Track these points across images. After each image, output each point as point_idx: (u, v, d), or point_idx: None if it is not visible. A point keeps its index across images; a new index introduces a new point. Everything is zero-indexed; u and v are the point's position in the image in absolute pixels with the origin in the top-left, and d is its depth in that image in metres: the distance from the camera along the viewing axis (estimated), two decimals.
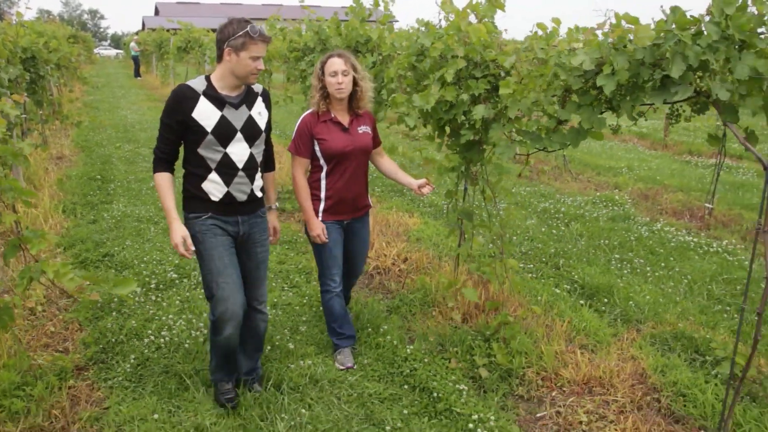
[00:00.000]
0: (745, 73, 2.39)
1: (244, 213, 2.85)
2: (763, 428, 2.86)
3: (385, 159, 3.59)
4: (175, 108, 2.66)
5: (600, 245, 5.38)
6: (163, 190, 2.74)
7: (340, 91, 3.19)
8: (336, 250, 3.41)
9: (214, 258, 2.77)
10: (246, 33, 2.56)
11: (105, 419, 2.95)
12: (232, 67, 2.63)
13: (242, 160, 2.76)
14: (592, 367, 3.39)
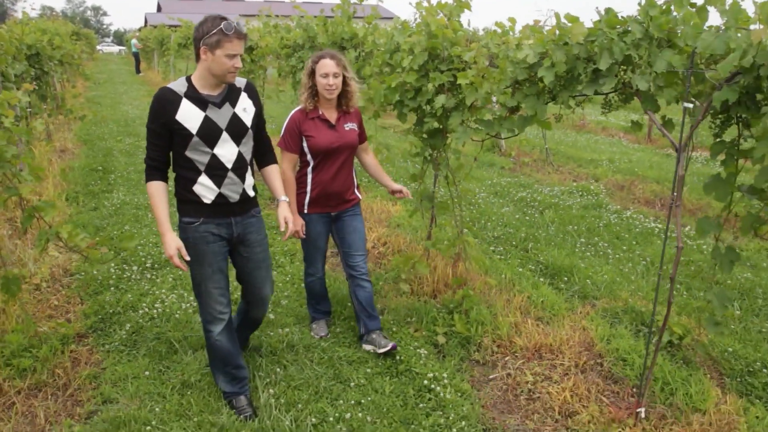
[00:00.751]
0: (663, 66, 2.72)
1: (238, 214, 2.84)
2: (688, 387, 3.20)
3: (369, 156, 3.70)
4: (158, 112, 2.63)
5: (569, 231, 5.72)
6: (155, 200, 2.70)
7: (331, 92, 3.30)
8: (320, 242, 3.58)
9: (203, 265, 2.79)
10: (220, 30, 2.50)
11: (102, 377, 3.31)
12: (209, 65, 2.58)
13: (231, 160, 2.73)
14: (544, 335, 3.73)
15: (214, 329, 2.90)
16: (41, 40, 7.48)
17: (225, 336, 2.93)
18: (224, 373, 3.02)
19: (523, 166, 8.58)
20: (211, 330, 2.91)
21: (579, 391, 3.22)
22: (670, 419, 2.99)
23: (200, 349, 3.57)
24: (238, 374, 3.03)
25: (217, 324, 2.90)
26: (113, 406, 3.03)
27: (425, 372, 3.33)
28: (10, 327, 3.54)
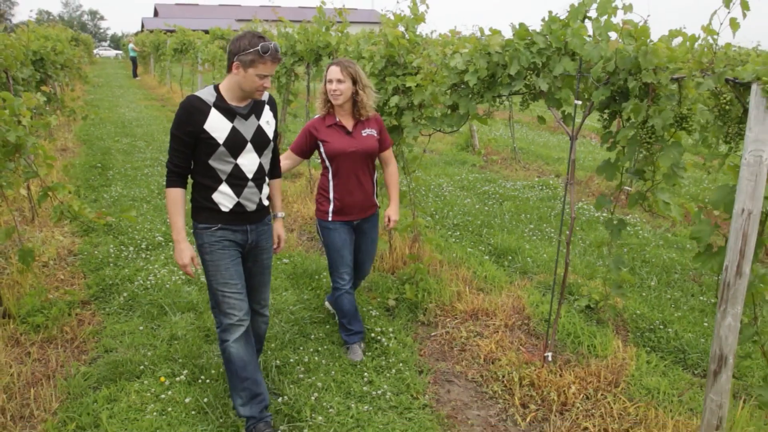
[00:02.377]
0: (560, 71, 3.35)
1: (253, 222, 2.86)
2: (593, 339, 3.83)
3: (390, 167, 3.71)
4: (185, 120, 2.63)
5: (522, 219, 6.37)
6: (173, 206, 2.71)
7: (335, 98, 3.39)
8: (345, 251, 3.56)
9: (220, 269, 2.78)
10: (256, 51, 2.54)
11: (103, 333, 3.93)
12: (239, 80, 2.62)
13: (252, 171, 2.76)
14: (482, 302, 4.37)
15: (231, 336, 2.82)
16: (45, 47, 8.10)
17: (242, 344, 2.84)
18: (242, 390, 2.87)
19: (492, 163, 9.24)
20: (227, 339, 2.83)
21: (504, 343, 3.86)
22: (573, 363, 3.63)
23: (187, 311, 4.20)
24: (256, 390, 2.89)
25: (235, 331, 2.82)
26: (112, 354, 3.65)
27: (375, 327, 3.96)
28: (25, 292, 4.16)
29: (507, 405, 3.30)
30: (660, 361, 3.68)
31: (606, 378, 3.45)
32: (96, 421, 3.00)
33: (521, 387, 3.40)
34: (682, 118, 2.82)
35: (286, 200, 6.92)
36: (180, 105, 2.67)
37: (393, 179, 3.72)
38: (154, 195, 7.20)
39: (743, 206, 2.45)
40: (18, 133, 3.28)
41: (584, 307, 4.38)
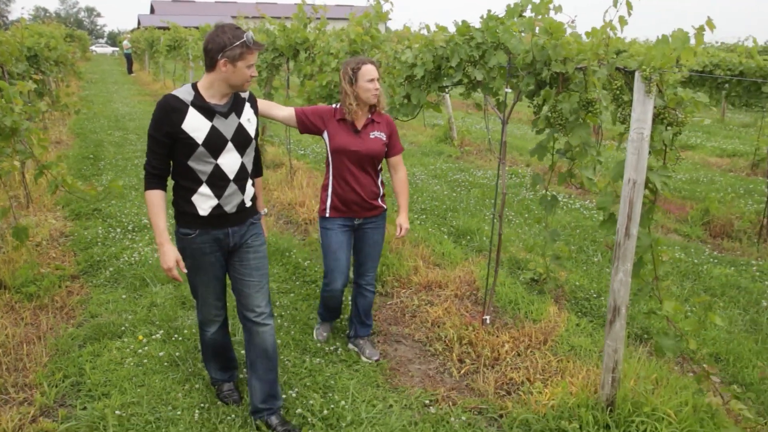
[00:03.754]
0: (494, 63, 3.77)
1: (234, 224, 2.78)
2: (531, 306, 4.25)
3: (399, 174, 3.59)
4: (162, 120, 2.55)
5: (486, 203, 6.79)
6: (154, 209, 2.64)
7: (376, 96, 3.33)
8: (340, 253, 3.47)
9: (199, 273, 2.80)
10: (243, 43, 2.49)
11: (90, 301, 4.34)
12: (227, 76, 2.54)
13: (234, 171, 2.68)
14: (436, 275, 4.79)
15: (210, 329, 3.01)
16: (39, 43, 8.49)
17: (219, 334, 3.05)
18: (215, 362, 3.15)
19: (467, 154, 9.66)
20: (206, 329, 3.02)
21: (451, 310, 4.28)
22: (510, 325, 4.05)
23: (167, 283, 4.61)
24: (230, 364, 3.19)
25: (213, 325, 3.01)
26: (97, 318, 4.07)
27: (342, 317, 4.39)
28: (19, 265, 4.58)
29: (445, 360, 3.72)
30: (588, 324, 4.11)
31: (537, 338, 3.87)
32: (80, 372, 3.42)
33: (460, 345, 3.82)
34: (588, 103, 3.24)
35: (267, 188, 7.32)
36: (157, 104, 2.59)
37: (402, 186, 3.58)
38: (142, 183, 7.59)
39: (629, 177, 2.86)
40: (13, 117, 3.69)
41: (529, 280, 4.81)
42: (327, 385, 3.35)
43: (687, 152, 10.71)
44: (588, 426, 2.91)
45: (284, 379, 3.37)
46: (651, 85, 2.72)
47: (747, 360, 3.73)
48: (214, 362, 3.15)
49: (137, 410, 3.06)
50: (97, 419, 2.98)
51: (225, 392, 3.16)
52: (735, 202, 6.58)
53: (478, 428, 3.04)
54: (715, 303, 4.55)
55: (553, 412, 3.03)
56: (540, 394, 3.25)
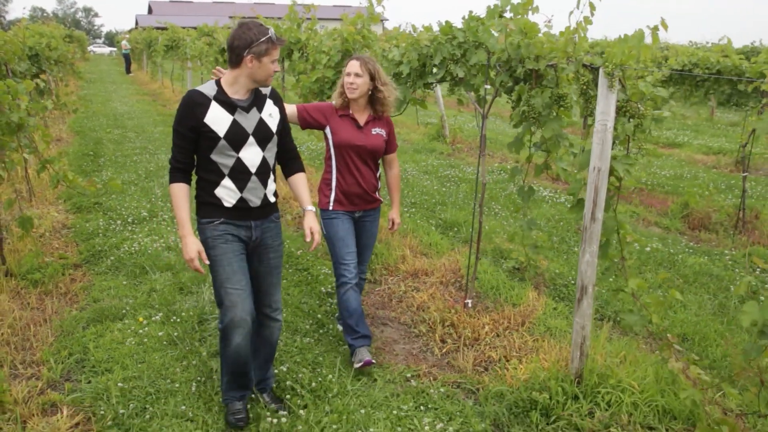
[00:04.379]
0: (475, 60, 4.00)
1: (258, 218, 2.82)
2: (511, 291, 4.48)
3: (393, 171, 3.73)
4: (186, 114, 2.64)
5: (473, 197, 7.02)
6: (178, 201, 2.71)
7: (351, 91, 3.38)
8: (348, 239, 3.53)
9: (223, 264, 2.74)
10: (269, 39, 2.58)
11: (92, 288, 4.56)
12: (253, 72, 2.62)
13: (255, 164, 2.74)
14: (423, 264, 5.02)
15: (235, 337, 2.79)
16: (40, 43, 8.71)
17: (244, 344, 2.83)
18: (233, 383, 2.96)
19: (459, 151, 9.90)
20: (231, 338, 2.80)
21: (435, 295, 4.50)
22: (491, 309, 4.28)
23: (165, 271, 4.83)
24: (244, 382, 2.99)
25: (237, 332, 2.78)
26: (100, 303, 4.29)
27: (327, 283, 4.62)
28: (24, 254, 4.79)
29: (428, 341, 3.95)
30: (565, 308, 4.34)
31: (515, 320, 4.10)
32: (84, 350, 3.64)
33: (443, 327, 4.05)
34: (559, 98, 3.47)
35: None
36: (181, 100, 2.70)
37: (395, 182, 3.75)
38: (141, 179, 7.83)
39: (594, 165, 3.10)
40: (20, 114, 3.91)
41: (511, 268, 5.04)
42: (316, 361, 3.58)
43: (674, 150, 10.96)
44: (557, 396, 3.14)
45: (275, 356, 3.60)
46: (613, 80, 2.96)
47: (712, 339, 3.96)
48: (232, 380, 2.95)
49: (138, 383, 3.28)
50: (101, 391, 3.20)
51: (234, 411, 2.95)
52: (714, 197, 6.82)
53: (456, 399, 3.27)
54: (676, 280, 4.81)
55: (525, 385, 3.26)
56: (515, 369, 3.48)
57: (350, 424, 2.97)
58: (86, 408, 3.08)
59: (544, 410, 3.11)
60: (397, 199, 3.79)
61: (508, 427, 3.06)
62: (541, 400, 3.13)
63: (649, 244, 5.68)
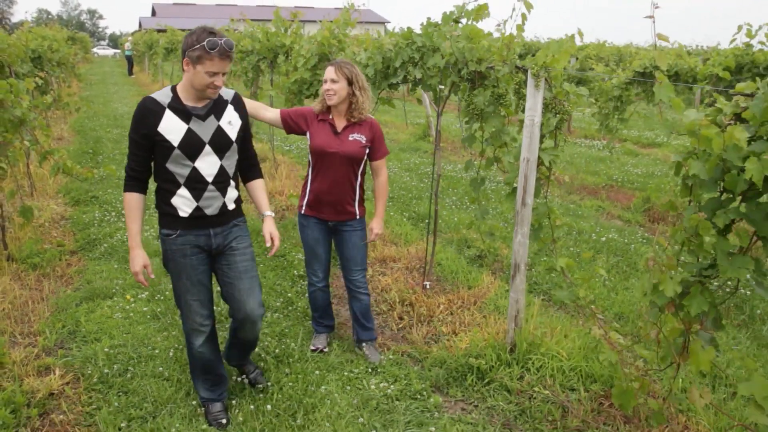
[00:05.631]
0: (432, 63, 4.40)
1: (216, 225, 2.77)
2: (469, 275, 4.89)
3: (379, 178, 3.63)
4: (140, 122, 2.57)
5: (449, 192, 7.44)
6: (129, 212, 2.66)
7: (329, 97, 3.37)
8: (318, 248, 3.60)
9: (182, 277, 2.76)
10: (202, 47, 2.45)
11: (86, 271, 4.99)
12: (190, 77, 2.55)
13: (212, 174, 2.67)
14: (391, 251, 5.43)
15: (196, 341, 2.88)
16: (42, 45, 9.15)
17: (207, 347, 2.92)
18: (204, 380, 3.02)
19: (442, 150, 10.28)
20: (192, 342, 2.89)
21: (399, 279, 4.91)
22: (447, 290, 4.69)
23: (153, 257, 5.24)
24: (218, 381, 3.04)
25: (199, 336, 2.87)
26: (92, 284, 4.71)
27: (299, 268, 5.04)
28: (25, 242, 5.23)
29: (387, 318, 4.36)
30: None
31: (469, 300, 4.51)
32: (77, 323, 4.06)
33: (402, 306, 4.46)
34: (499, 96, 3.88)
35: None
36: (136, 107, 2.61)
37: (381, 190, 3.65)
38: None
39: (524, 156, 3.51)
40: (22, 109, 4.34)
41: (474, 256, 5.45)
42: (282, 333, 3.99)
43: (653, 149, 11.34)
44: (491, 361, 3.55)
45: None
46: (539, 80, 3.37)
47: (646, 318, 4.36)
48: (202, 379, 3.01)
49: (123, 350, 3.70)
50: (90, 356, 3.62)
51: (214, 414, 2.98)
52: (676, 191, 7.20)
53: (403, 366, 3.67)
54: (600, 258, 5.22)
55: (465, 353, 3.67)
56: (460, 341, 3.88)
57: (306, 383, 3.38)
58: (76, 369, 3.50)
59: (480, 374, 3.51)
60: (382, 208, 3.67)
61: (447, 388, 3.46)
62: (477, 365, 3.54)
63: (606, 234, 6.07)
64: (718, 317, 2.23)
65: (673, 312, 2.23)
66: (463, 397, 3.39)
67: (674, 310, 2.21)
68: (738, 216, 2.04)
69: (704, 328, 2.21)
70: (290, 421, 3.04)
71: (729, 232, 2.14)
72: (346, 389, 3.37)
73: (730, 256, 2.04)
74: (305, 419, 3.07)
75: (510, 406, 3.28)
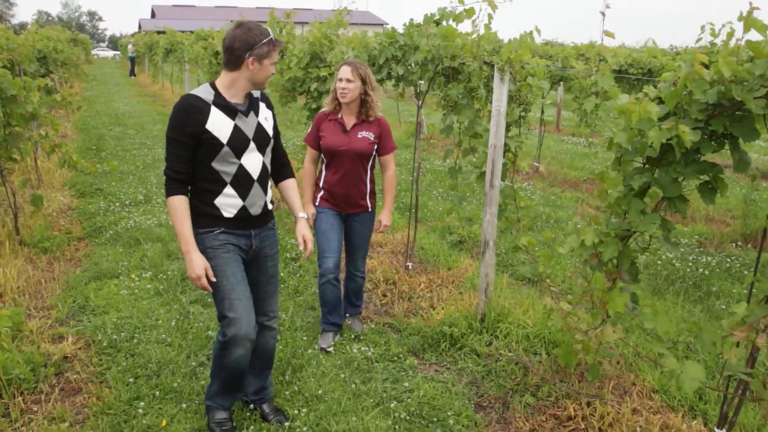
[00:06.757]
0: (413, 60, 4.78)
1: (257, 226, 2.73)
2: (449, 257, 5.26)
3: (388, 172, 3.81)
4: (185, 121, 2.48)
5: (436, 185, 7.82)
6: (179, 216, 2.51)
7: (343, 96, 3.49)
8: (331, 234, 3.64)
9: (227, 274, 2.61)
10: (270, 41, 2.51)
11: (93, 255, 5.36)
12: (254, 74, 2.53)
13: (257, 171, 2.64)
14: (379, 238, 5.80)
15: (238, 350, 2.66)
16: (48, 46, 9.53)
17: (245, 357, 2.72)
18: (222, 388, 2.83)
19: (433, 146, 10.69)
20: (233, 350, 2.67)
21: (385, 262, 5.29)
22: (429, 271, 5.07)
23: (157, 242, 5.63)
24: (236, 392, 2.90)
25: (239, 347, 2.65)
26: (99, 265, 5.08)
27: (292, 251, 5.41)
28: (36, 227, 5.60)
29: (372, 295, 4.73)
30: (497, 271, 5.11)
31: (448, 279, 4.89)
32: (86, 299, 4.43)
33: (386, 285, 4.83)
34: (472, 90, 4.25)
35: None
36: (176, 106, 2.52)
37: (389, 184, 3.83)
38: (139, 170, 8.64)
39: (492, 142, 3.88)
40: (34, 104, 4.72)
41: (456, 241, 5.83)
42: None
43: None
44: (463, 329, 3.92)
45: None
46: (503, 74, 3.74)
47: None
48: (222, 390, 2.83)
49: (129, 321, 4.08)
50: (99, 325, 3.99)
51: (219, 421, 2.86)
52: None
53: (384, 334, 4.05)
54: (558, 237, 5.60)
55: (440, 323, 4.04)
56: (437, 313, 4.26)
57: (294, 348, 3.75)
58: (87, 337, 3.88)
59: (453, 341, 3.89)
60: (390, 201, 3.84)
61: (422, 353, 3.84)
62: (450, 333, 3.91)
63: None
64: (634, 270, 2.60)
65: (595, 263, 2.60)
66: (437, 361, 3.77)
67: (596, 261, 2.58)
68: (650, 180, 2.42)
69: (623, 279, 2.58)
70: (279, 377, 3.41)
71: (645, 196, 2.51)
72: (330, 353, 3.74)
73: (642, 215, 2.42)
74: (293, 376, 3.45)
75: (478, 367, 3.65)
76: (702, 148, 2.31)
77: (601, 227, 2.49)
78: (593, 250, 2.54)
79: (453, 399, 3.31)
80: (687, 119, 2.32)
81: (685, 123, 2.29)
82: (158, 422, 2.99)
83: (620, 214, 2.46)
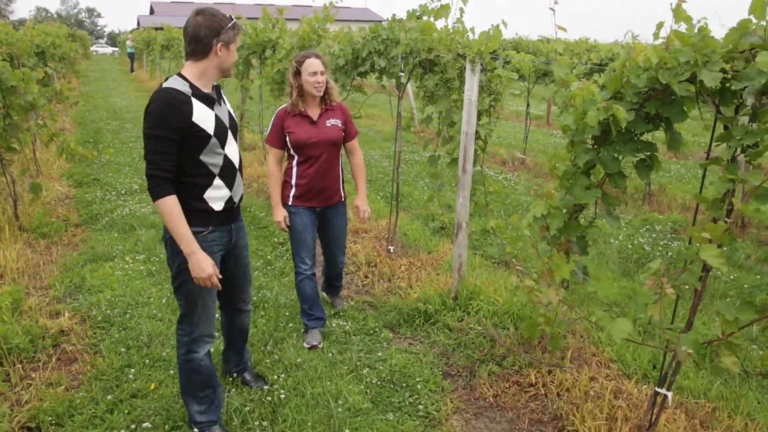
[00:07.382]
0: (394, 53, 5.00)
1: (236, 218, 2.73)
2: (429, 242, 5.50)
3: (355, 157, 3.78)
4: (171, 116, 2.36)
5: (422, 176, 8.06)
6: (175, 216, 2.41)
7: (319, 90, 3.43)
8: (305, 234, 3.62)
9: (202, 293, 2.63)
10: (234, 25, 2.47)
11: (90, 240, 5.60)
12: (222, 61, 2.48)
13: (237, 159, 2.64)
14: (366, 226, 6.04)
15: (201, 350, 2.71)
16: (46, 41, 9.75)
17: (208, 357, 2.77)
18: (200, 399, 2.78)
19: (423, 140, 10.90)
20: (198, 351, 2.70)
21: (368, 246, 5.53)
22: (410, 255, 5.31)
23: (151, 228, 5.87)
24: (215, 396, 2.83)
25: (208, 344, 2.73)
26: (95, 249, 5.32)
27: (279, 236, 5.65)
28: (34, 214, 5.84)
29: (354, 276, 4.97)
30: (471, 253, 5.36)
31: (427, 262, 5.13)
32: (82, 279, 4.67)
33: (368, 267, 5.08)
34: (447, 80, 4.48)
35: None
36: (158, 101, 2.38)
37: (359, 170, 3.80)
38: (135, 161, 8.87)
39: (464, 129, 4.12)
40: (33, 94, 4.95)
41: (438, 228, 6.07)
42: (261, 286, 4.61)
43: None
44: (437, 306, 4.16)
45: None
46: (474, 65, 3.98)
47: None
48: (199, 399, 2.78)
49: (122, 299, 4.32)
50: (95, 303, 4.24)
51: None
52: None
53: (363, 311, 4.29)
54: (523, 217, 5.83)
55: (416, 300, 4.28)
56: (414, 292, 4.50)
57: (276, 322, 4.00)
58: (82, 313, 4.12)
59: (427, 317, 4.13)
60: (363, 185, 3.82)
61: (398, 328, 4.08)
62: (424, 309, 4.15)
63: None
64: (582, 243, 2.84)
65: (545, 234, 2.84)
66: (411, 335, 4.01)
67: (546, 232, 2.82)
68: (594, 158, 2.66)
69: (572, 250, 2.83)
70: (261, 348, 3.66)
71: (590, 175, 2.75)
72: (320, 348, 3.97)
73: (587, 189, 2.66)
74: (274, 347, 3.69)
75: (449, 340, 3.90)
76: (637, 127, 2.55)
77: (552, 201, 2.72)
78: (543, 222, 2.77)
79: (423, 368, 3.55)
80: (624, 102, 2.55)
81: (622, 105, 2.53)
82: (147, 386, 3.24)
83: (568, 188, 2.69)
